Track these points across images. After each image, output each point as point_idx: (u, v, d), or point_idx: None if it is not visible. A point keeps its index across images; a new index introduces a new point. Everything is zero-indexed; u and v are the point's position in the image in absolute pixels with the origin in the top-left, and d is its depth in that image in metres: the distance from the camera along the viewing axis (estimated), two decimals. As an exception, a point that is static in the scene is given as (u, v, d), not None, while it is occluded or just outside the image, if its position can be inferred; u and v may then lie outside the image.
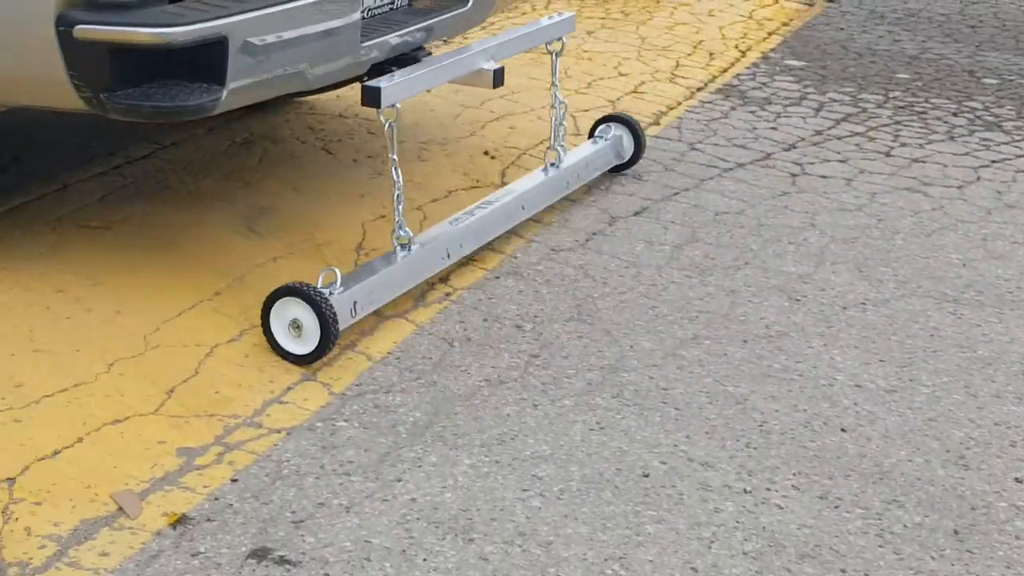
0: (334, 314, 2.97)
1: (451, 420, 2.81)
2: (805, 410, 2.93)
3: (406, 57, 3.59)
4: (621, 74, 5.59)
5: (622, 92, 5.32)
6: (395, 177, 3.30)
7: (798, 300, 3.51)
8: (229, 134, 4.46)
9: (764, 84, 5.68)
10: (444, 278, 3.50)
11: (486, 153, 4.42)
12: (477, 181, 4.19)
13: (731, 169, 4.55)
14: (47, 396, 2.72)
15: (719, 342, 3.24)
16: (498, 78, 3.78)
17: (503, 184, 4.17)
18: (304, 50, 3.10)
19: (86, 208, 3.72)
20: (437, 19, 3.70)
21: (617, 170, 4.39)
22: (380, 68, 3.47)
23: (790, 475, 2.67)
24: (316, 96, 4.93)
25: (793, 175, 4.53)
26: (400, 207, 3.31)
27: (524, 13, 6.62)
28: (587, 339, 3.22)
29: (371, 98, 3.20)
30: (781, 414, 2.91)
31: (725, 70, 5.86)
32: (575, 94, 5.20)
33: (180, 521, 2.38)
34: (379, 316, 3.25)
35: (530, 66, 5.53)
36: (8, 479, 2.43)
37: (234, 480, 2.53)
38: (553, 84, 4.04)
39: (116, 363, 2.88)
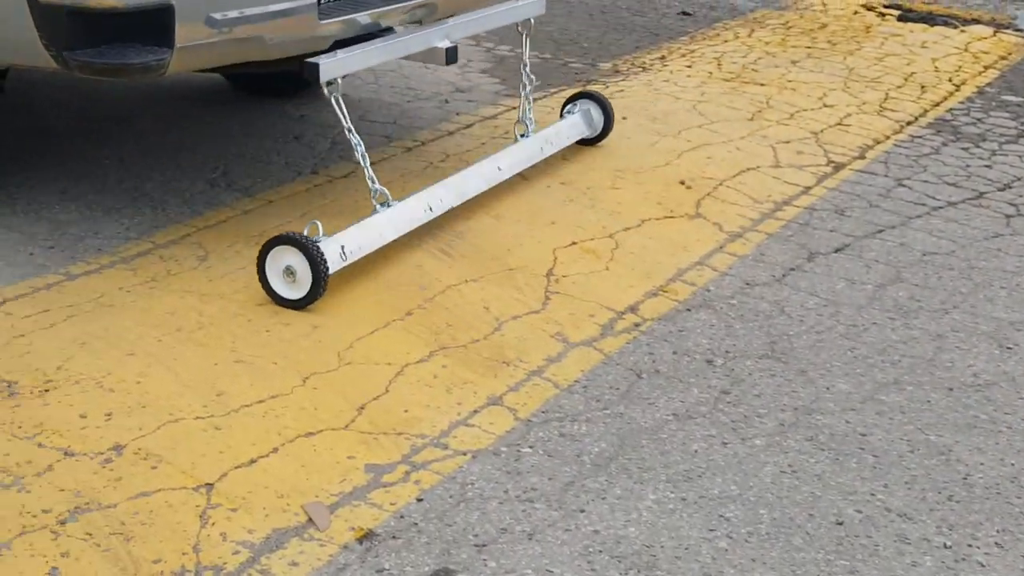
0: (324, 262, 3.22)
1: (637, 453, 2.77)
2: (1012, 464, 2.77)
3: (373, 36, 3.75)
4: (826, 105, 5.44)
5: (826, 124, 5.18)
6: (354, 142, 3.61)
7: (1009, 348, 3.33)
8: (427, 156, 4.53)
9: (979, 120, 5.44)
10: (634, 308, 3.46)
11: (682, 183, 4.36)
12: (671, 211, 4.13)
13: (941, 208, 4.36)
14: (246, 406, 2.79)
15: (922, 388, 3.10)
16: (451, 56, 3.99)
17: (697, 214, 4.11)
18: (252, 25, 3.33)
19: (288, 224, 3.83)
20: (406, 3, 3.83)
21: (590, 142, 4.63)
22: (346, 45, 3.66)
23: (994, 532, 2.53)
24: (511, 115, 4.98)
25: (1008, 216, 4.31)
26: (368, 167, 3.59)
27: (726, 41, 6.54)
28: (780, 378, 3.12)
29: (311, 73, 3.48)
30: (987, 467, 2.76)
31: (937, 104, 5.65)
32: (776, 125, 5.09)
33: (367, 536, 2.41)
34: (567, 343, 3.24)
35: (730, 95, 5.45)
36: (207, 484, 2.50)
37: (419, 499, 2.54)
38: (523, 63, 4.34)
39: (311, 377, 2.94)
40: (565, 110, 4.63)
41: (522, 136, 4.33)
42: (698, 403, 2.99)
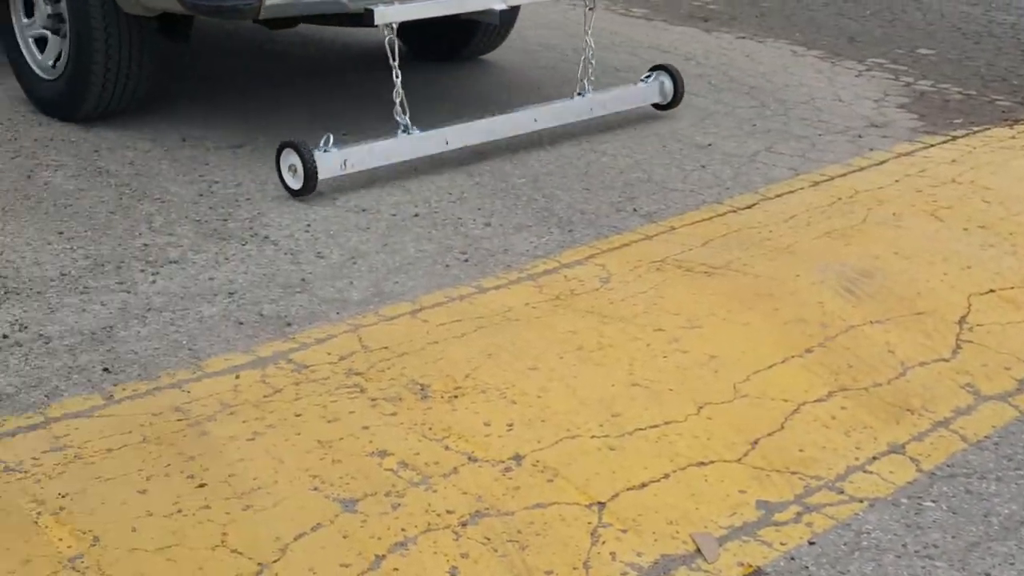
0: (315, 164, 4.09)
1: (1054, 521, 2.55)
2: None
3: None
4: None
5: None
6: (395, 79, 4.30)
7: None
8: (834, 191, 4.41)
9: None
10: (1058, 364, 3.20)
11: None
12: (1106, 262, 3.79)
13: None
14: (640, 429, 2.82)
15: None
16: (506, 17, 4.98)
17: None
18: None
19: (690, 252, 3.84)
20: None
21: (662, 108, 5.25)
22: None
23: None
24: (928, 153, 4.75)
25: None
26: (398, 100, 4.33)
27: None
28: None
29: (367, 19, 4.21)
30: None
31: None
32: None
33: (755, 574, 2.36)
34: (978, 396, 3.04)
35: None
36: (599, 503, 2.55)
37: (811, 543, 2.46)
38: (586, 32, 4.96)
39: (705, 407, 2.93)
40: (640, 79, 5.25)
41: (579, 94, 4.95)
42: None
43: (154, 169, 4.42)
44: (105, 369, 3.03)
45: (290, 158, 4.17)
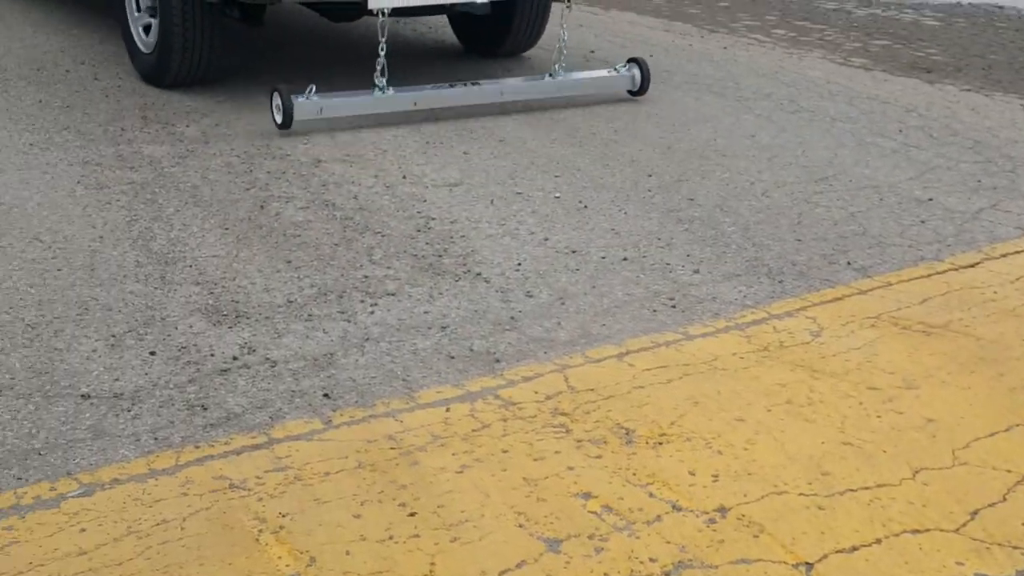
0: (291, 107, 5.16)
1: None
2: None
3: None
4: None
5: None
6: (380, 53, 5.26)
7: None
8: (1064, 253, 4.23)
9: None
10: None
11: None
12: None
13: None
14: (851, 490, 2.76)
15: None
16: (492, 8, 5.81)
17: None
18: None
19: (907, 309, 3.74)
20: None
21: (635, 94, 6.02)
22: None
23: None
24: None
25: None
26: (379, 68, 5.30)
27: None
28: None
29: (363, 6, 5.21)
30: None
31: None
32: None
33: (969, 651, 2.28)
34: None
35: None
36: (806, 564, 2.50)
37: (1031, 623, 2.36)
38: (561, 26, 5.76)
39: (921, 472, 2.84)
40: (611, 69, 5.98)
41: (550, 75, 5.75)
42: None
43: (376, 204, 4.58)
44: (325, 395, 3.15)
45: (276, 100, 5.25)
